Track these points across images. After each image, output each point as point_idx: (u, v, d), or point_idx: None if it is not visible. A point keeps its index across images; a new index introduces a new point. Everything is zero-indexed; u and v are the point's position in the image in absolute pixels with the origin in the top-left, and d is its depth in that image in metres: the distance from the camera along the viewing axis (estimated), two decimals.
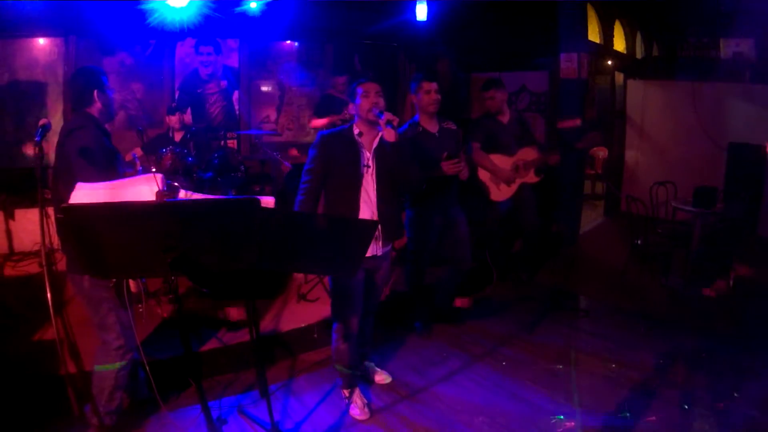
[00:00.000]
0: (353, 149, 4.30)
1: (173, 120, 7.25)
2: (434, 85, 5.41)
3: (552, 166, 6.57)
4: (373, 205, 4.30)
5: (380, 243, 4.37)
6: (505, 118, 6.55)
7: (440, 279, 6.13)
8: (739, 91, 9.32)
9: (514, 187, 6.53)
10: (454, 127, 5.65)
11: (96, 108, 3.80)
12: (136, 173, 5.34)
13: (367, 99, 4.24)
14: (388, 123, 4.05)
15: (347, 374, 4.59)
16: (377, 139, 4.31)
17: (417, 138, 5.35)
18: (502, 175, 6.47)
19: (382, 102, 4.26)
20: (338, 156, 4.28)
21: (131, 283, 3.70)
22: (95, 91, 3.77)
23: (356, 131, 4.31)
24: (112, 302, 3.71)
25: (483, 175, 6.53)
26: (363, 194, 4.29)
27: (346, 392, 4.64)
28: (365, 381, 5.02)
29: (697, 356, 5.46)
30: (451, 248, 5.79)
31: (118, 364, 3.80)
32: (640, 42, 12.05)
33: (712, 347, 5.61)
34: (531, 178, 6.55)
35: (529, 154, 6.49)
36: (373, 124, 4.27)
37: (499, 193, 6.56)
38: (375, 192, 4.31)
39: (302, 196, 4.26)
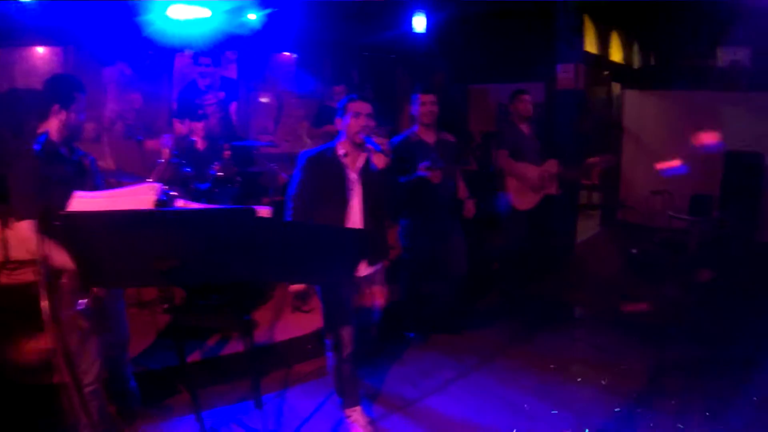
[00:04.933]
0: (337, 171, 4.19)
1: (198, 127, 7.06)
2: (430, 97, 5.53)
3: (572, 181, 6.63)
4: (359, 227, 4.18)
5: (364, 264, 4.26)
6: (527, 129, 6.61)
7: (435, 290, 6.14)
8: (735, 99, 9.36)
9: (539, 196, 6.58)
10: (452, 139, 5.74)
11: (53, 125, 3.55)
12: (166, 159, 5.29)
13: (356, 120, 4.13)
14: (378, 148, 3.99)
15: (346, 393, 4.49)
16: (362, 159, 4.22)
17: (412, 147, 5.44)
18: (531, 183, 6.51)
19: (372, 123, 4.18)
20: (323, 178, 4.20)
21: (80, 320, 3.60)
22: (56, 106, 3.54)
23: (341, 151, 4.21)
24: (73, 325, 3.55)
25: (509, 183, 6.57)
26: (348, 217, 4.21)
27: (348, 411, 4.47)
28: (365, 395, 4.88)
29: (693, 364, 5.46)
30: (445, 259, 5.84)
31: (82, 381, 3.75)
32: (636, 52, 12.10)
33: (708, 355, 5.62)
34: (554, 190, 6.59)
35: (553, 166, 6.54)
36: (360, 145, 4.17)
37: (524, 201, 6.60)
38: (360, 214, 4.22)
39: None
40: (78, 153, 3.78)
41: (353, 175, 4.22)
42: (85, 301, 3.38)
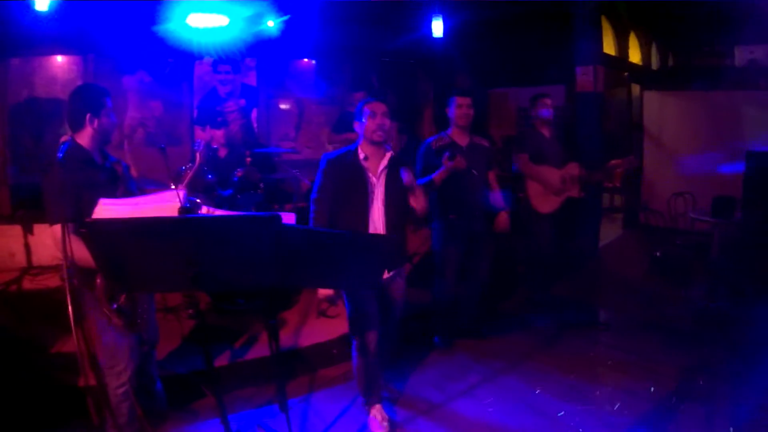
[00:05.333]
0: (359, 174, 4.24)
1: (218, 135, 7.01)
2: (466, 100, 5.63)
3: (594, 183, 6.60)
4: (380, 231, 4.23)
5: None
6: (548, 133, 6.60)
7: (460, 294, 6.13)
8: (755, 98, 9.27)
9: (561, 199, 6.55)
10: (486, 144, 5.81)
11: (87, 133, 3.63)
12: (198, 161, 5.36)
13: (373, 120, 4.20)
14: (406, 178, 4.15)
15: (369, 392, 4.52)
16: (384, 162, 4.28)
17: (443, 149, 5.49)
18: (552, 187, 6.50)
19: (387, 122, 4.24)
20: (344, 181, 4.23)
21: None
22: (88, 115, 3.60)
23: (362, 155, 4.26)
24: (107, 325, 3.60)
25: (530, 187, 6.56)
26: (369, 220, 4.24)
27: (367, 409, 4.52)
28: (388, 398, 4.92)
29: (718, 368, 5.41)
30: (472, 262, 5.85)
31: (114, 383, 3.76)
32: (655, 52, 12.04)
33: (733, 359, 5.56)
34: (577, 193, 6.57)
35: (574, 169, 6.52)
36: (379, 145, 4.26)
37: (546, 205, 6.57)
38: (382, 218, 4.26)
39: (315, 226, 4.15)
40: (111, 159, 3.84)
41: (374, 179, 4.27)
42: (120, 299, 3.44)
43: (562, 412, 4.71)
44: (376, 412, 4.48)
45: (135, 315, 3.70)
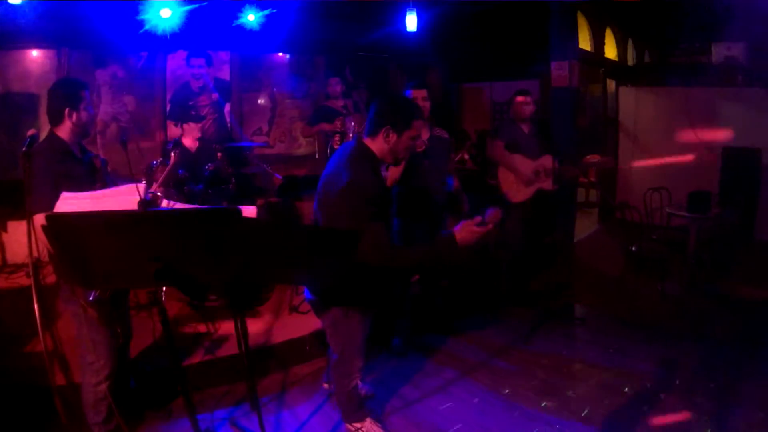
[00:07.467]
0: (388, 196, 3.89)
1: (195, 128, 6.88)
2: (421, 93, 5.47)
3: (568, 180, 6.61)
4: None
5: None
6: (526, 128, 6.63)
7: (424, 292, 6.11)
8: (731, 95, 9.31)
9: (532, 190, 6.56)
10: (446, 135, 5.72)
11: (66, 127, 3.69)
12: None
13: (412, 142, 3.67)
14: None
15: (358, 408, 4.27)
16: None
17: None
18: (523, 177, 6.50)
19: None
20: (384, 202, 3.62)
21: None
22: (66, 110, 3.65)
23: (385, 172, 3.88)
24: (84, 318, 3.64)
25: (503, 175, 6.58)
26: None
27: (357, 425, 4.22)
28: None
29: (695, 362, 5.42)
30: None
31: (94, 380, 3.76)
32: (631, 49, 12.06)
33: (710, 353, 5.57)
34: (548, 185, 6.57)
35: (548, 161, 6.52)
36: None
37: (517, 194, 6.58)
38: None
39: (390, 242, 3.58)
40: (89, 154, 3.90)
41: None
42: (96, 292, 3.45)
43: (538, 408, 4.71)
44: (373, 426, 4.25)
45: (110, 307, 3.68)
